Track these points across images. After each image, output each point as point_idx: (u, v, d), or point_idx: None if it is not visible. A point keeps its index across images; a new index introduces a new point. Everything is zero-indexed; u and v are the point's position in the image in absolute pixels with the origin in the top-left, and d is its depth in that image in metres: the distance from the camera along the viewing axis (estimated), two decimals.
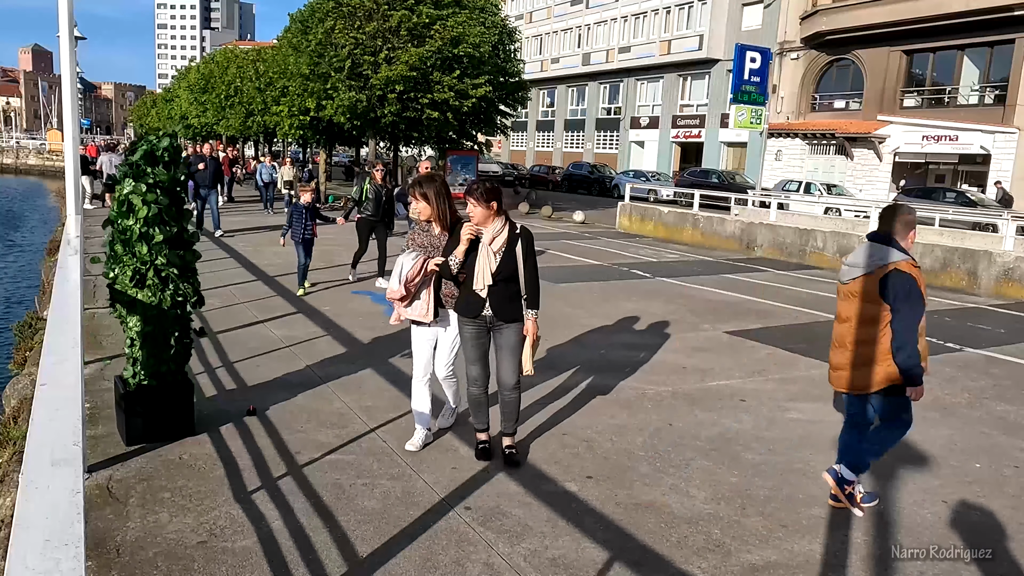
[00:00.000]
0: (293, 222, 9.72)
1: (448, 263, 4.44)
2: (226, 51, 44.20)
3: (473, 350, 4.55)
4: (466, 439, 5.00)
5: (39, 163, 63.87)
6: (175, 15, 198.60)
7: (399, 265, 4.51)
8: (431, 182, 4.67)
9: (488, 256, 4.37)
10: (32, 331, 9.03)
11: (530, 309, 4.46)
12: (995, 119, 26.11)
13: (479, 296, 4.41)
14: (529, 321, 4.46)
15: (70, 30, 6.80)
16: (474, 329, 4.52)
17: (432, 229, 4.65)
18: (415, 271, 4.47)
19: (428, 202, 4.59)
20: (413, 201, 4.65)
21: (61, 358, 2.95)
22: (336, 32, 19.13)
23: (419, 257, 4.51)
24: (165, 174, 4.63)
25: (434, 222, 4.63)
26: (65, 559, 1.45)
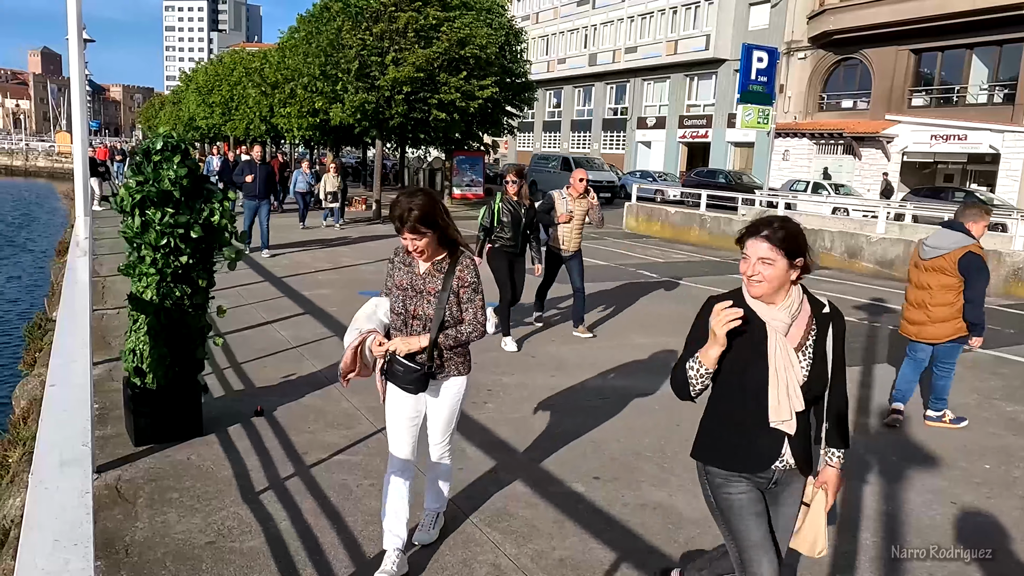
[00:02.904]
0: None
1: (416, 353, 3.19)
2: (232, 53, 44.40)
3: (758, 527, 2.58)
4: (472, 439, 5.00)
5: (48, 165, 64.18)
6: (183, 17, 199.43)
7: (360, 314, 3.36)
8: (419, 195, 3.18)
9: (787, 360, 2.44)
10: (41, 332, 9.08)
11: (835, 448, 2.64)
12: (1004, 118, 25.96)
13: (773, 435, 2.49)
14: (832, 470, 2.64)
15: (79, 32, 6.83)
16: (753, 493, 2.59)
17: (416, 262, 3.26)
18: (349, 344, 3.26)
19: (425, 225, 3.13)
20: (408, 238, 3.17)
21: (70, 359, 2.97)
22: (344, 33, 19.16)
23: (370, 325, 3.30)
24: (150, 169, 4.64)
25: (419, 253, 3.20)
26: (74, 559, 1.46)
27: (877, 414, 5.88)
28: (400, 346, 3.17)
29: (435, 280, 3.22)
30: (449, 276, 3.21)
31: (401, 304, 3.25)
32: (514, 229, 7.41)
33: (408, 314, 3.25)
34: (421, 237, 3.11)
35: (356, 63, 19.16)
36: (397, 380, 3.22)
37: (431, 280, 3.23)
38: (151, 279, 4.61)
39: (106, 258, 11.42)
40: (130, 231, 4.59)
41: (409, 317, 3.25)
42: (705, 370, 2.48)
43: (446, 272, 3.22)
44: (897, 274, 14.39)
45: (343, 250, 14.36)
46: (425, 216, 3.09)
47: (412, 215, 3.07)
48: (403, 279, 3.28)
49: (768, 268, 2.40)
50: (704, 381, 2.52)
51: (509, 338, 7.51)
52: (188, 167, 4.66)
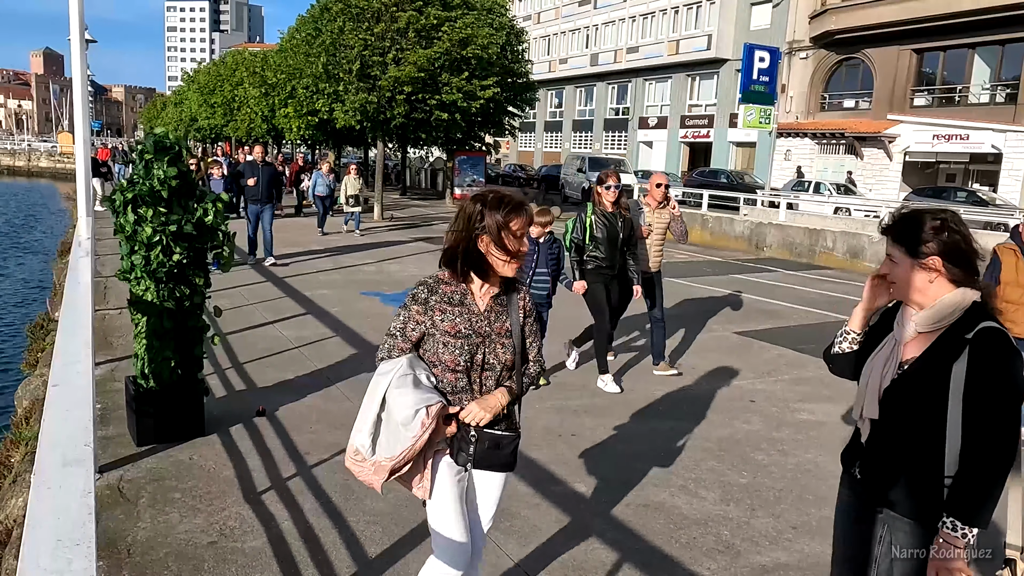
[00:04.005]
0: None
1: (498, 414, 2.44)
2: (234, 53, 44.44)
3: (841, 529, 2.41)
4: None
5: (50, 166, 64.26)
6: (185, 18, 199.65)
7: (387, 402, 2.39)
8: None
9: (880, 363, 2.20)
10: (44, 332, 9.09)
11: (954, 518, 2.03)
12: (1006, 118, 25.92)
13: (858, 437, 2.30)
14: (939, 542, 2.07)
15: (81, 33, 6.85)
16: (846, 494, 2.39)
17: (471, 297, 2.48)
18: (417, 438, 2.33)
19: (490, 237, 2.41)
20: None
21: (72, 359, 2.97)
22: (346, 33, 19.19)
23: (429, 401, 2.35)
24: (141, 168, 4.66)
25: (481, 287, 2.49)
26: (76, 559, 1.46)
27: None
28: (483, 413, 2.40)
29: (501, 316, 2.48)
30: (512, 308, 2.52)
31: (465, 355, 2.42)
32: (610, 247, 6.11)
33: (476, 366, 2.45)
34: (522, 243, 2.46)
35: (357, 63, 19.17)
36: (481, 461, 2.42)
37: (497, 317, 2.48)
38: (147, 282, 4.62)
39: (108, 258, 11.43)
40: (125, 228, 4.59)
41: (478, 370, 2.46)
42: (845, 329, 2.32)
43: (508, 304, 2.52)
44: None
45: (343, 250, 14.36)
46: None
47: (530, 208, 2.50)
48: (458, 323, 2.42)
49: (894, 267, 2.14)
50: (842, 341, 2.32)
51: (608, 376, 6.29)
52: (178, 168, 4.67)
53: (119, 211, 4.62)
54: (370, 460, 2.38)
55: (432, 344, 2.46)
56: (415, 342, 2.49)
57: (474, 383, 2.47)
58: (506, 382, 2.51)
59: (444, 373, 2.46)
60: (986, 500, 2.01)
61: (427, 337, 2.47)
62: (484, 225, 2.38)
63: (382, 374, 2.43)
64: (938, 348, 2.07)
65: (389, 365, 2.44)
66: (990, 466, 2.00)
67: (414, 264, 12.98)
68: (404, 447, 2.32)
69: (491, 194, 2.44)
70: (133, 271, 4.66)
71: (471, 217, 2.41)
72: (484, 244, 2.39)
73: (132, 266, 4.66)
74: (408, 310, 2.49)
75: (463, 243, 2.42)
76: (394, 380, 2.37)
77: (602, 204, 6.13)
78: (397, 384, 2.36)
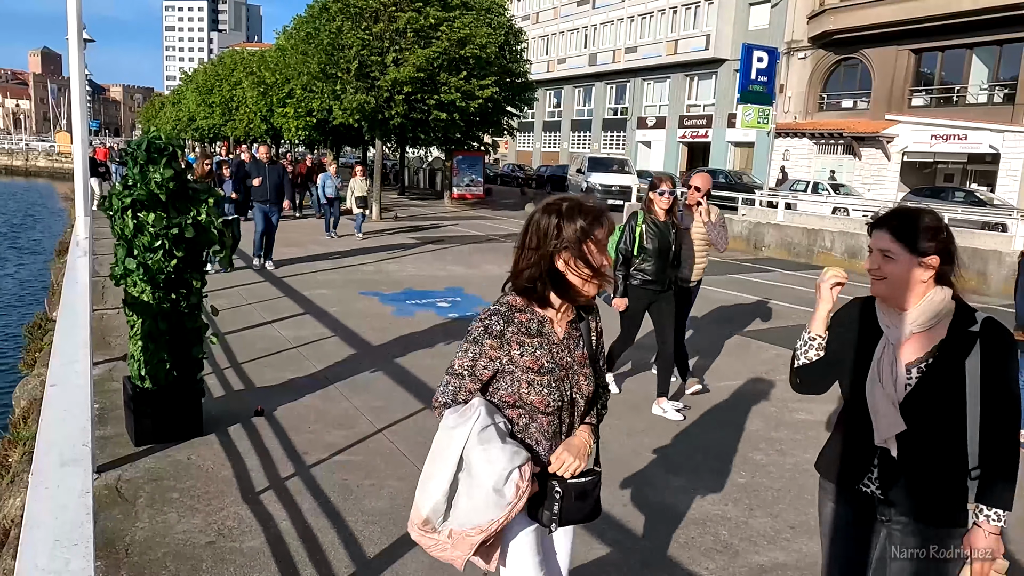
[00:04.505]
0: None
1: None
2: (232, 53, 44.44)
3: (841, 549, 2.33)
4: None
5: (48, 165, 64.22)
6: (183, 17, 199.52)
7: (469, 460, 1.99)
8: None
9: (888, 373, 2.13)
10: (42, 332, 9.09)
11: (991, 506, 2.07)
12: (1004, 118, 25.96)
13: (867, 449, 2.20)
14: (979, 531, 2.08)
15: (79, 32, 6.84)
16: (845, 511, 2.30)
17: (549, 325, 2.15)
18: (513, 505, 1.98)
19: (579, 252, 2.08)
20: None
21: (70, 359, 2.97)
22: (344, 32, 19.18)
23: (521, 459, 2.00)
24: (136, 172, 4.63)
25: (559, 312, 2.16)
26: (74, 559, 1.46)
27: None
28: (576, 461, 2.09)
29: (579, 343, 2.18)
30: (587, 332, 2.22)
31: (555, 393, 2.09)
32: (660, 260, 5.51)
33: (565, 404, 2.13)
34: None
35: (356, 63, 19.17)
36: (567, 516, 2.10)
37: (576, 345, 2.17)
38: (144, 284, 4.61)
39: (106, 258, 11.41)
40: (125, 233, 4.57)
41: (567, 408, 2.14)
42: (809, 336, 2.25)
43: (581, 325, 2.21)
44: None
45: (342, 250, 14.35)
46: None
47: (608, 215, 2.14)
48: (539, 356, 2.09)
49: (889, 263, 2.10)
50: (807, 350, 2.26)
51: (610, 375, 5.82)
52: (174, 169, 4.64)
53: (116, 215, 4.61)
54: (445, 531, 2.01)
55: (510, 383, 2.09)
56: (485, 383, 2.13)
57: (564, 422, 2.14)
58: (587, 417, 2.22)
59: (531, 417, 2.10)
60: (1015, 482, 2.07)
61: (501, 376, 2.11)
62: (563, 238, 2.05)
63: (455, 426, 2.00)
64: (948, 346, 2.08)
65: (462, 415, 2.02)
66: (1016, 448, 2.06)
67: (412, 264, 12.98)
68: (497, 516, 1.96)
69: (564, 202, 2.11)
70: (130, 275, 4.64)
71: (546, 230, 2.07)
72: (563, 261, 2.06)
73: (127, 271, 4.64)
74: (479, 345, 2.09)
75: (540, 261, 2.07)
76: (475, 434, 1.97)
77: (654, 212, 5.58)
78: (481, 439, 1.97)
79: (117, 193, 4.64)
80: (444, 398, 2.11)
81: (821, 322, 2.25)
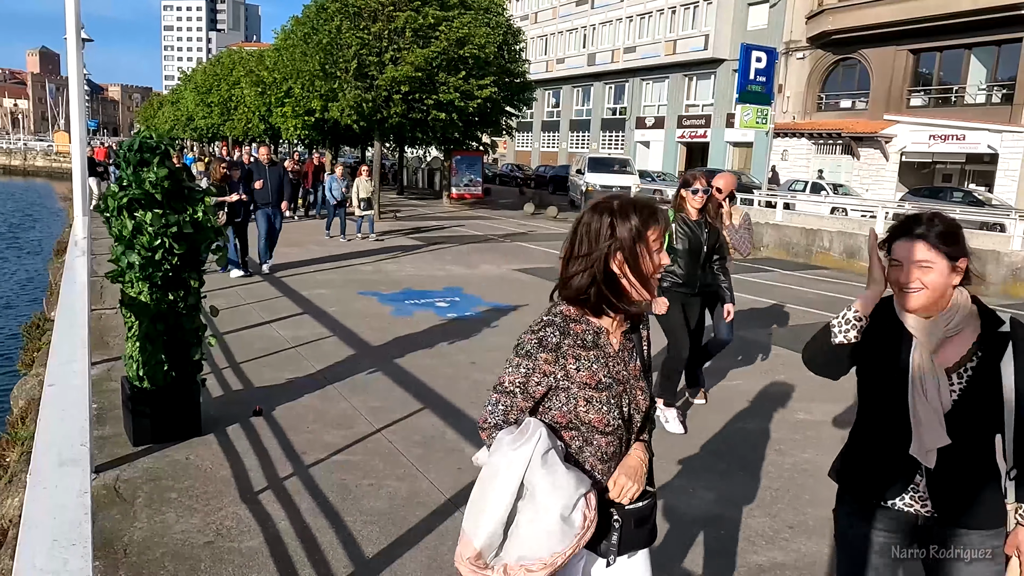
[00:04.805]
0: None
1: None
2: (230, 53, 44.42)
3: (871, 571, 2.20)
4: (471, 439, 5.00)
5: (46, 165, 64.10)
6: (181, 17, 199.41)
7: (531, 487, 1.80)
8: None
9: (932, 383, 2.04)
10: (40, 332, 9.07)
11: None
12: (1003, 118, 25.99)
13: (907, 464, 2.10)
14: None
15: (77, 32, 6.83)
16: (877, 529, 2.19)
17: (604, 336, 1.97)
18: (581, 536, 1.82)
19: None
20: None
21: (68, 359, 2.96)
22: (343, 32, 19.18)
23: (586, 485, 1.85)
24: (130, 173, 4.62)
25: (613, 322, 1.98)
26: (73, 559, 1.46)
27: None
28: (634, 485, 1.94)
29: (632, 355, 2.03)
30: (637, 341, 2.07)
31: (615, 410, 1.92)
32: (691, 261, 5.26)
33: (625, 422, 1.96)
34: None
35: (355, 62, 19.16)
36: (625, 545, 1.97)
37: (630, 357, 2.02)
38: (141, 284, 4.60)
39: (105, 257, 11.38)
40: (123, 233, 4.55)
41: (625, 426, 1.97)
42: (855, 315, 2.09)
43: (633, 336, 2.06)
44: None
45: (342, 250, 14.35)
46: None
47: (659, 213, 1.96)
48: (596, 370, 1.91)
49: (928, 273, 2.00)
50: (849, 329, 2.10)
51: (672, 412, 5.39)
52: (168, 168, 4.62)
53: (113, 215, 4.59)
54: (499, 567, 1.80)
55: (565, 401, 1.90)
56: (538, 400, 1.93)
57: (622, 440, 1.97)
58: (646, 433, 2.06)
59: (586, 438, 1.92)
60: None
61: (554, 393, 1.91)
62: (617, 238, 1.89)
63: (513, 448, 1.79)
64: (983, 349, 2.04)
65: (518, 436, 1.82)
66: None
67: (411, 264, 12.98)
68: (563, 548, 1.78)
69: (615, 200, 1.94)
70: (127, 273, 4.63)
71: (599, 232, 1.90)
72: (617, 263, 1.90)
73: (129, 265, 4.63)
74: (532, 359, 1.89)
75: (593, 266, 1.90)
76: (538, 457, 1.78)
77: (686, 211, 5.26)
78: (543, 463, 1.78)
79: (112, 194, 4.61)
80: (494, 419, 1.91)
81: (870, 304, 2.09)
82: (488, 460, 1.86)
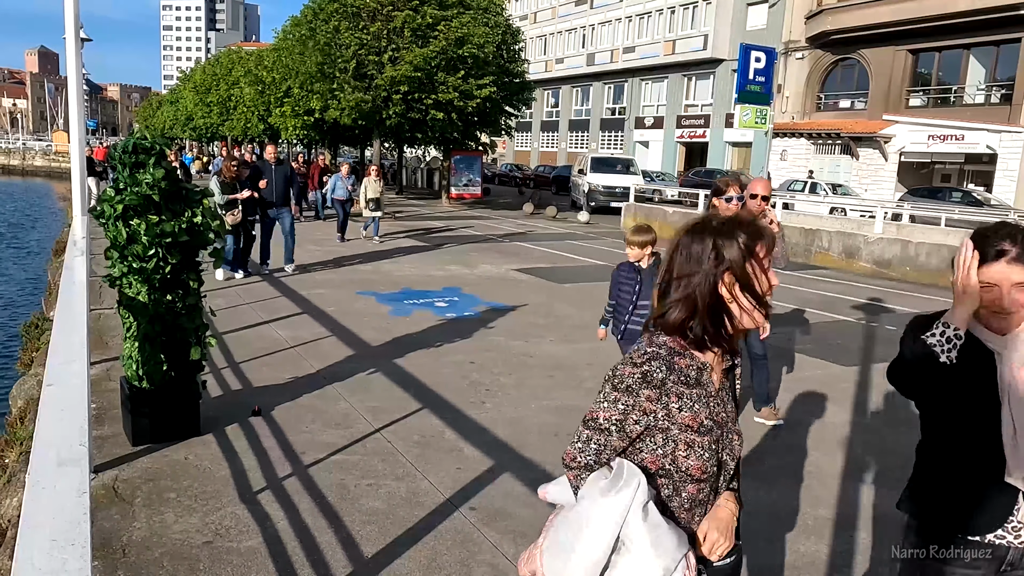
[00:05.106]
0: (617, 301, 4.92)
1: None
2: (229, 52, 44.41)
3: None
4: (470, 439, 5.00)
5: (45, 164, 64.08)
6: (180, 16, 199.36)
7: (629, 541, 1.64)
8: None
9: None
10: (39, 332, 9.06)
11: None
12: (1001, 118, 26.02)
13: (1005, 492, 1.98)
14: None
15: (76, 32, 6.83)
16: (969, 564, 2.10)
17: (708, 373, 1.77)
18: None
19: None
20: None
21: (67, 359, 2.96)
22: (341, 32, 19.18)
23: (686, 544, 1.69)
24: (126, 175, 4.61)
25: (716, 357, 1.80)
26: (72, 559, 1.46)
27: (875, 413, 5.89)
28: (725, 541, 1.76)
29: (729, 395, 1.86)
30: (731, 379, 1.89)
31: (714, 457, 1.73)
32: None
33: (721, 468, 1.78)
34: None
35: (353, 62, 19.17)
36: None
37: (727, 396, 1.84)
38: (139, 286, 4.59)
39: (104, 258, 11.38)
40: (118, 240, 4.54)
41: (720, 473, 1.79)
42: (954, 331, 1.92)
43: (731, 372, 1.88)
44: (894, 274, 14.42)
45: (341, 249, 14.35)
46: None
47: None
48: (698, 411, 1.70)
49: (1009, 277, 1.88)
50: (951, 349, 1.92)
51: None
52: (164, 168, 4.60)
53: (109, 221, 4.58)
54: None
55: (660, 444, 1.69)
56: (632, 441, 1.73)
57: (712, 494, 1.79)
58: (731, 484, 1.85)
59: (676, 487, 1.71)
60: None
61: (650, 434, 1.70)
62: (724, 259, 1.68)
63: (606, 495, 1.63)
64: None
65: (613, 481, 1.64)
66: None
67: (410, 264, 12.98)
68: None
69: (713, 219, 1.75)
70: (124, 277, 4.62)
71: (701, 255, 1.70)
72: (727, 287, 1.69)
73: (123, 273, 4.62)
74: (633, 395, 1.69)
75: (695, 292, 1.70)
76: (637, 509, 1.61)
77: (720, 209, 4.88)
78: (644, 517, 1.61)
79: (108, 199, 4.58)
80: (585, 458, 1.74)
81: (966, 323, 1.94)
82: (578, 505, 1.70)
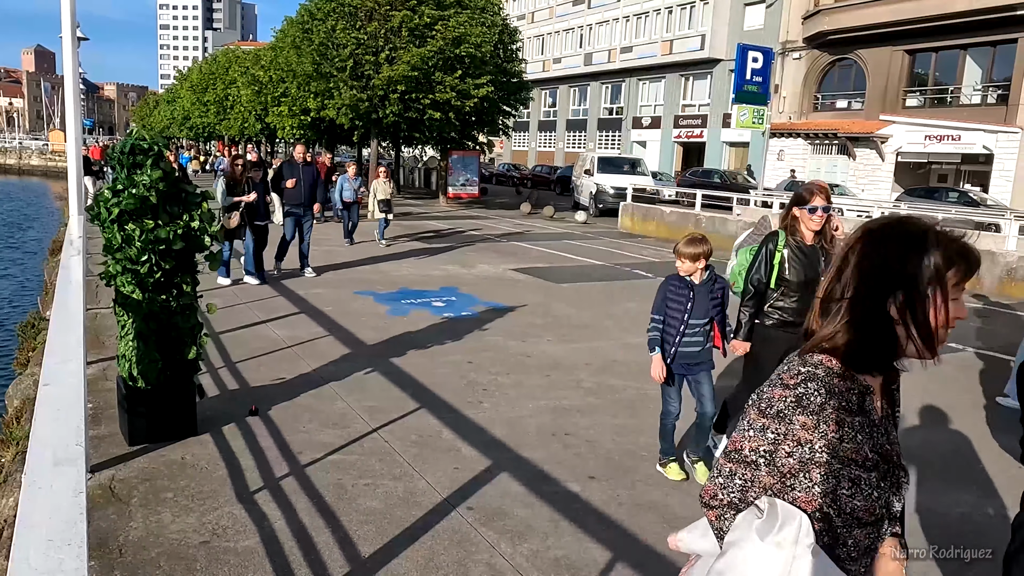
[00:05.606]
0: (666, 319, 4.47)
1: None
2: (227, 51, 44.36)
3: None
4: (468, 439, 5.00)
5: (42, 164, 63.97)
6: (177, 15, 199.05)
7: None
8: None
9: None
10: (35, 331, 9.04)
11: None
12: (998, 119, 26.07)
13: None
14: None
15: (73, 31, 6.81)
16: None
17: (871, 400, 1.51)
18: None
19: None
20: None
21: (64, 358, 2.95)
22: (338, 32, 19.16)
23: None
24: (124, 176, 4.58)
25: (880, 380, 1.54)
26: (68, 559, 1.45)
27: None
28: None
29: (892, 423, 1.59)
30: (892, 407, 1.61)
31: (881, 495, 1.50)
32: (804, 295, 4.20)
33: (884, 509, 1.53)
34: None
35: (351, 62, 19.15)
36: None
37: (890, 425, 1.57)
38: (133, 285, 4.58)
39: (100, 257, 11.36)
40: (113, 243, 4.52)
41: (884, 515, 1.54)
42: None
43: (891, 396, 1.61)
44: None
45: (340, 250, 14.33)
46: None
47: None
48: (861, 442, 1.46)
49: None
50: None
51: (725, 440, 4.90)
52: (162, 169, 4.58)
53: (106, 224, 4.57)
54: None
55: (818, 481, 1.44)
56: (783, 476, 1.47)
57: (878, 540, 1.55)
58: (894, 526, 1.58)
59: (843, 531, 1.48)
60: None
61: (806, 468, 1.44)
62: (906, 275, 1.42)
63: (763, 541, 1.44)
64: None
65: (769, 522, 1.44)
66: None
67: (407, 263, 12.97)
68: None
69: (907, 224, 1.47)
70: (119, 275, 4.61)
71: (882, 266, 1.44)
72: (898, 307, 1.43)
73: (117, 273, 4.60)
74: (785, 422, 1.45)
75: (865, 308, 1.45)
76: (804, 557, 1.42)
77: (800, 234, 4.28)
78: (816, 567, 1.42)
79: (105, 201, 4.55)
80: (728, 495, 1.52)
81: None
82: (729, 553, 1.48)
